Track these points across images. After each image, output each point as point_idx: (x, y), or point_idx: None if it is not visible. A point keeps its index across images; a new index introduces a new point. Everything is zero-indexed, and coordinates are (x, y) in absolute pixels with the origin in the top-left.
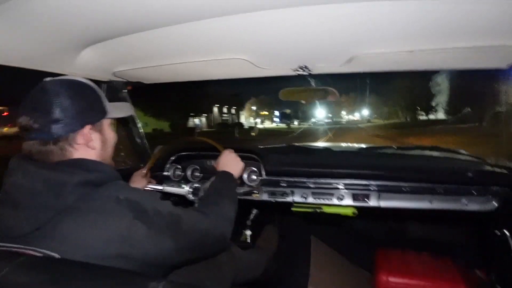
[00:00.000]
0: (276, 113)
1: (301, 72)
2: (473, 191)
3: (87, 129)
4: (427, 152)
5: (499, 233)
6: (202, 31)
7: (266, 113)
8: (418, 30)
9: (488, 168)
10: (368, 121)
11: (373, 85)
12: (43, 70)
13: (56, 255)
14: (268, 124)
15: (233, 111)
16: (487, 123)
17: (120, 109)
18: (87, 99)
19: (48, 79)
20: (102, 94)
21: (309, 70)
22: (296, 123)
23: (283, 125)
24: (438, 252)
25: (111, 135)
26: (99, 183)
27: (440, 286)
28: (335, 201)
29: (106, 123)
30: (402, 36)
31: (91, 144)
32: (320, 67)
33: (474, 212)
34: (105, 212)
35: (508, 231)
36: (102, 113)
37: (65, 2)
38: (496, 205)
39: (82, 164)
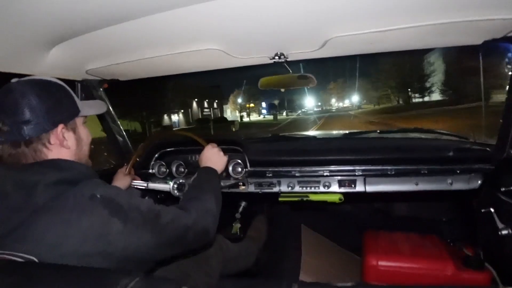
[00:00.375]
0: (263, 104)
1: (277, 60)
2: (456, 170)
3: (59, 128)
4: (410, 134)
5: (484, 210)
6: (172, 21)
7: (253, 105)
8: (390, 8)
9: (470, 146)
10: (359, 107)
11: (360, 70)
12: (10, 72)
13: (32, 257)
14: (255, 117)
15: (215, 105)
16: (466, 101)
17: (93, 107)
18: (56, 98)
19: (14, 80)
20: (72, 92)
21: (286, 57)
22: (284, 114)
23: (270, 117)
24: (425, 231)
25: (85, 134)
26: (73, 182)
27: (428, 265)
28: (321, 188)
29: (79, 122)
30: (374, 16)
31: (65, 144)
32: (296, 54)
33: (459, 191)
34: (80, 210)
35: (493, 208)
36: (74, 112)
37: None
38: (480, 182)
39: (55, 163)
